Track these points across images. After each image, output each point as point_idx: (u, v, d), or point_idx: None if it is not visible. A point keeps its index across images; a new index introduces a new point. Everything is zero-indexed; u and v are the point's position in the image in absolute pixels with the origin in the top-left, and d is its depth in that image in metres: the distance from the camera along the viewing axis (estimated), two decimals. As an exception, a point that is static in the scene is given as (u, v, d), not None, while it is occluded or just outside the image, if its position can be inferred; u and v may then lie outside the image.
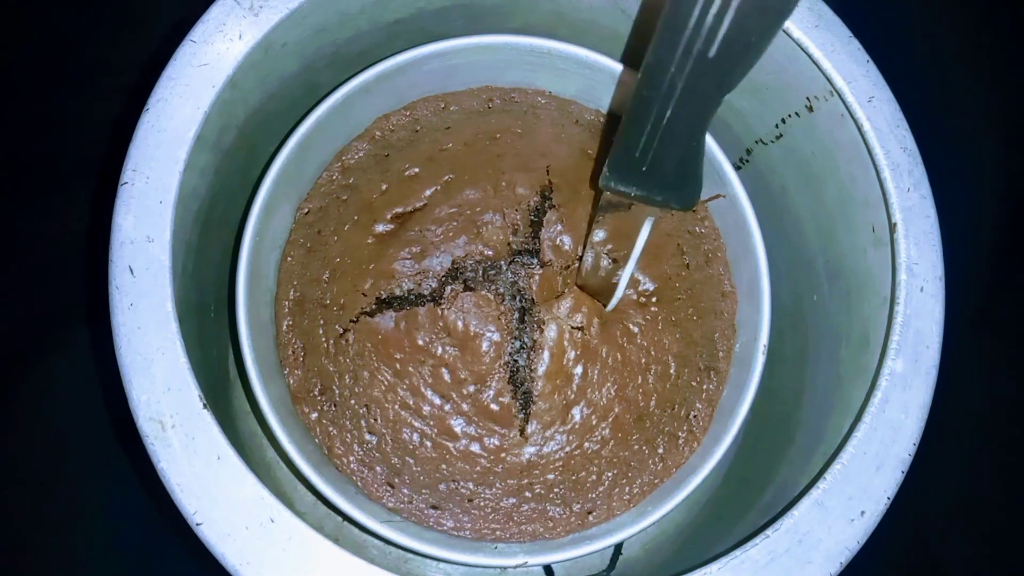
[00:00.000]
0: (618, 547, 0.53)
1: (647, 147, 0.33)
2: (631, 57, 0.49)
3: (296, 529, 0.37)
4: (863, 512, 0.39)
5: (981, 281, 0.63)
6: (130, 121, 0.40)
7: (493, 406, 0.44)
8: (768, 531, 0.38)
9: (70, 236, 0.60)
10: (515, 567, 0.42)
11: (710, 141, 0.45)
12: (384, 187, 0.47)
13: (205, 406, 0.37)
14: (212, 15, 0.41)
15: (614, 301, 0.44)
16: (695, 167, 0.34)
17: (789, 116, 0.47)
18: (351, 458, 0.44)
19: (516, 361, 0.44)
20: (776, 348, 0.52)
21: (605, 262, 0.43)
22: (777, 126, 0.49)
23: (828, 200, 0.48)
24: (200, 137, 0.40)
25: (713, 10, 0.25)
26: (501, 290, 0.45)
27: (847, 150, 0.44)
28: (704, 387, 0.47)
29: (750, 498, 0.49)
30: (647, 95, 0.30)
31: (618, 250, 0.42)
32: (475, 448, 0.44)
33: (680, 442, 0.46)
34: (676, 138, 0.32)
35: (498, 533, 0.44)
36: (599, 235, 0.42)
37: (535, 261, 0.45)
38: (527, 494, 0.44)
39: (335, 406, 0.45)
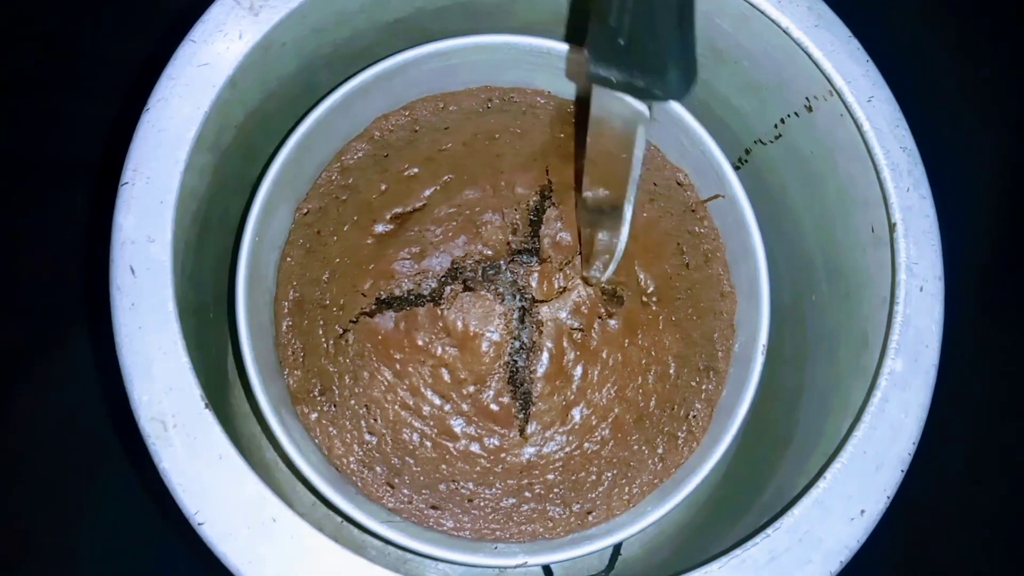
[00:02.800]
0: (617, 547, 0.53)
1: (622, 7, 0.28)
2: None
3: (298, 529, 0.36)
4: (863, 511, 0.39)
5: (981, 280, 0.63)
6: (130, 121, 0.40)
7: (493, 406, 0.44)
8: (768, 530, 0.38)
9: (70, 236, 0.60)
10: (515, 567, 0.42)
11: (709, 141, 0.45)
12: (383, 187, 0.47)
13: (207, 406, 0.37)
14: (212, 15, 0.41)
15: (618, 253, 0.41)
16: (680, 41, 0.29)
17: (788, 116, 0.47)
18: (351, 458, 0.44)
19: (516, 361, 0.44)
20: (776, 348, 0.51)
21: (605, 231, 0.41)
22: (776, 126, 0.49)
23: (827, 200, 0.48)
24: (199, 137, 0.40)
25: None
26: (501, 290, 0.45)
27: (846, 150, 0.44)
28: (703, 387, 0.47)
29: (750, 498, 0.49)
30: None
31: (612, 229, 0.40)
32: (475, 448, 0.44)
33: (679, 442, 0.46)
34: None
35: (498, 533, 0.44)
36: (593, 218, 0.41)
37: (535, 260, 0.45)
38: (527, 494, 0.44)
39: (335, 406, 0.45)
